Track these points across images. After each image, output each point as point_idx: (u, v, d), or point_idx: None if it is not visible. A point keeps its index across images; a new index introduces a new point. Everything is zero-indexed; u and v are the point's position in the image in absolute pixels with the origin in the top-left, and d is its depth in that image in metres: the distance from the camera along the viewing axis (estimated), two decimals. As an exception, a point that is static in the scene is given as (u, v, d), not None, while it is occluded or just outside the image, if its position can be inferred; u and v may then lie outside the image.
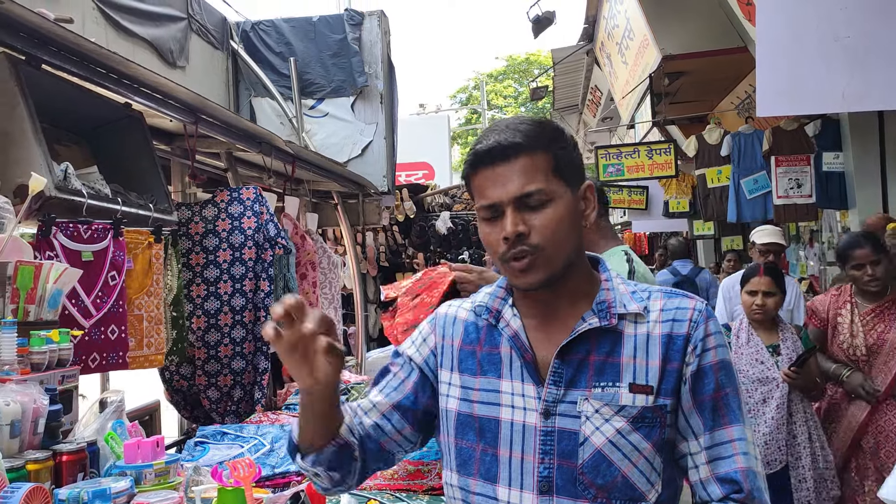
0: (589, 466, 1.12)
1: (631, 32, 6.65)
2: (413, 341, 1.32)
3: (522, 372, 1.18)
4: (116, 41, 4.22)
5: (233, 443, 2.64)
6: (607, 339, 1.16)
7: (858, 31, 3.29)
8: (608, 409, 1.13)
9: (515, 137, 1.15)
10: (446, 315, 1.31)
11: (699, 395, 1.15)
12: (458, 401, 1.23)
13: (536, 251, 1.13)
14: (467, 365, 1.24)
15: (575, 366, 1.15)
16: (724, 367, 1.16)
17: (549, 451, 1.14)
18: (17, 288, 1.98)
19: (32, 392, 1.74)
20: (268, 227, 3.36)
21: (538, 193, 1.14)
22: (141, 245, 2.79)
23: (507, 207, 1.14)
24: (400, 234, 7.83)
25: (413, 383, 1.28)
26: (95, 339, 2.40)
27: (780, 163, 5.76)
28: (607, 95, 9.81)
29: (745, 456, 1.14)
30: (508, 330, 1.21)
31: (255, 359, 3.35)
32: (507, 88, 30.22)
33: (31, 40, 2.28)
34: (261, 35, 5.98)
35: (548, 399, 1.15)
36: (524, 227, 1.13)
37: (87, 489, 1.62)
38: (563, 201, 1.16)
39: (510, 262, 1.15)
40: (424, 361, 1.28)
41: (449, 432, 1.24)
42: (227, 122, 3.41)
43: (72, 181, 2.30)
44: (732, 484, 1.13)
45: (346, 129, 5.91)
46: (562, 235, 1.15)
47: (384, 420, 1.26)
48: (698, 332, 1.16)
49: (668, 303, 1.19)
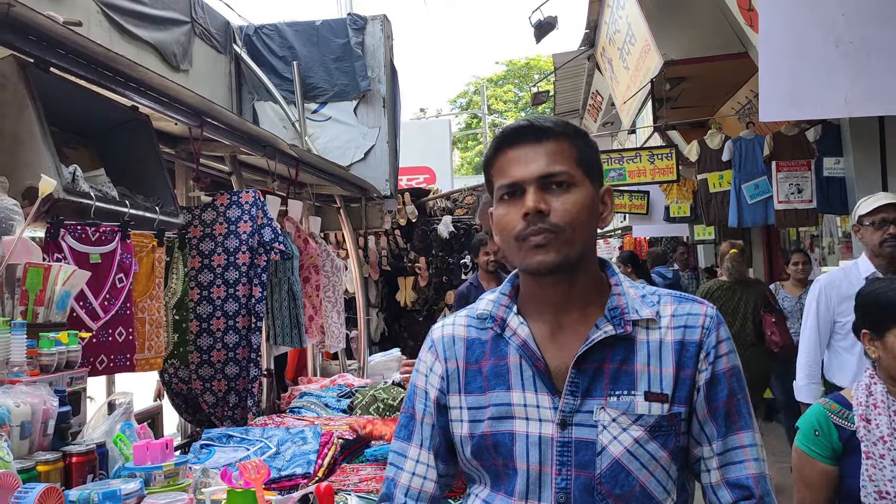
0: (607, 476, 1.11)
1: (632, 37, 6.67)
2: (425, 377, 1.28)
3: (535, 382, 1.16)
4: (120, 45, 4.23)
5: (238, 445, 2.64)
6: (621, 346, 1.15)
7: (860, 36, 3.30)
8: (625, 418, 1.12)
9: (546, 123, 1.17)
10: (443, 338, 1.28)
11: (713, 402, 1.15)
12: (468, 424, 1.21)
13: (555, 231, 1.12)
14: (475, 385, 1.21)
15: (590, 374, 1.14)
16: (735, 374, 1.17)
17: (566, 462, 1.12)
18: (27, 290, 1.99)
19: (42, 393, 1.74)
20: (262, 232, 3.33)
21: (563, 175, 1.14)
22: (145, 248, 2.80)
23: (529, 186, 1.14)
24: (402, 238, 7.84)
25: (439, 424, 1.26)
26: (103, 342, 2.41)
27: (780, 168, 5.78)
28: (608, 100, 9.83)
29: (756, 462, 1.15)
30: (516, 339, 1.18)
31: (248, 365, 3.33)
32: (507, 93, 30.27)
33: (40, 43, 2.29)
34: (264, 39, 6.00)
35: (564, 409, 1.13)
36: (545, 206, 1.12)
37: (98, 490, 1.63)
38: (586, 190, 1.16)
39: (527, 239, 1.13)
40: (439, 391, 1.26)
41: (466, 456, 1.22)
42: (232, 125, 3.42)
43: (80, 183, 2.31)
44: (744, 489, 1.14)
45: (348, 132, 5.92)
46: (581, 222, 1.14)
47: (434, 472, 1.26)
48: (710, 339, 1.16)
49: (679, 308, 1.18)
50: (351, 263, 6.00)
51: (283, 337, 3.89)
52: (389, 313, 7.97)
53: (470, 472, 1.25)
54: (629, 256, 8.41)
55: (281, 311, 3.89)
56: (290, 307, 3.93)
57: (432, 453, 1.25)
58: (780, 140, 5.84)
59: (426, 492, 1.25)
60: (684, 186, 9.27)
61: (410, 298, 7.96)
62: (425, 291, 7.99)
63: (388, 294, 7.95)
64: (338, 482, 2.39)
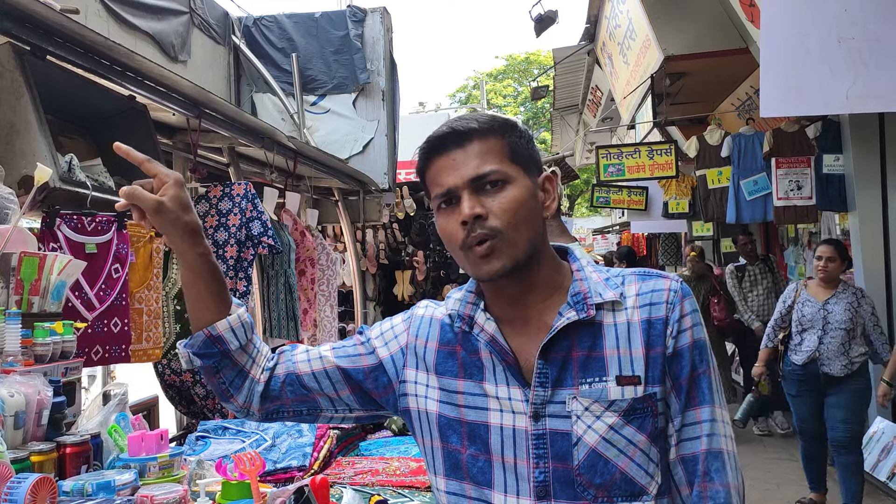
0: (585, 467, 1.09)
1: (633, 33, 6.65)
2: (383, 334, 1.28)
3: (507, 375, 1.14)
4: (118, 34, 4.21)
5: (234, 437, 2.63)
6: (588, 332, 1.13)
7: (862, 32, 3.29)
8: (598, 405, 1.10)
9: (470, 124, 1.13)
10: (423, 316, 1.27)
11: (676, 378, 1.13)
12: (438, 403, 1.19)
13: (497, 234, 1.09)
14: (447, 366, 1.19)
15: (559, 364, 1.12)
16: (698, 347, 1.14)
17: (542, 455, 1.11)
18: (21, 279, 1.97)
19: (36, 383, 1.73)
20: (251, 225, 3.30)
21: (494, 174, 1.11)
22: (143, 239, 2.78)
23: (462, 192, 1.11)
24: (400, 231, 7.83)
25: (369, 366, 1.25)
26: (98, 332, 2.40)
27: (780, 164, 5.77)
28: (608, 95, 9.81)
29: (709, 437, 1.12)
30: (484, 335, 1.16)
31: None
32: (506, 88, 30.23)
33: (37, 31, 2.27)
34: (263, 30, 5.97)
35: (536, 401, 1.11)
36: (482, 209, 1.09)
37: (92, 481, 1.62)
38: (521, 185, 1.13)
39: (471, 249, 1.11)
40: (390, 357, 1.25)
41: (433, 435, 1.20)
42: (230, 116, 3.40)
43: (76, 173, 2.30)
44: (693, 464, 1.12)
45: (347, 125, 5.91)
46: (522, 219, 1.11)
47: (323, 375, 1.24)
48: (675, 314, 1.13)
49: (644, 286, 1.16)
50: (349, 257, 5.99)
51: (279, 329, 3.88)
52: (387, 307, 7.96)
53: (426, 452, 1.23)
54: (627, 252, 8.42)
55: (277, 304, 3.88)
56: (286, 300, 3.92)
57: (334, 358, 1.26)
58: (780, 136, 5.84)
59: (299, 367, 1.26)
60: (683, 182, 9.27)
61: (408, 292, 7.95)
62: (423, 285, 7.99)
63: (386, 288, 7.95)
64: (333, 475, 2.39)
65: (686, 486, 1.13)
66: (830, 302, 4.52)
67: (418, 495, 2.20)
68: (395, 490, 2.23)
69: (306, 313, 4.29)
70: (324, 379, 1.25)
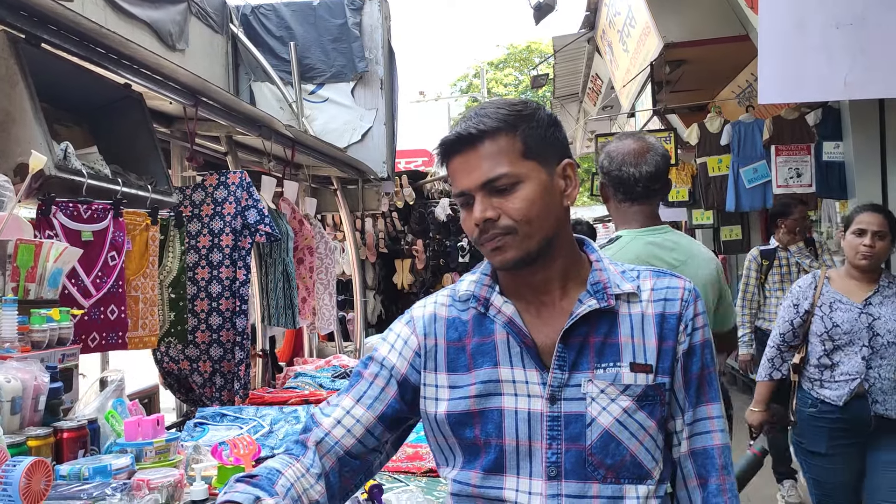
0: (598, 447, 1.13)
1: (632, 20, 6.62)
2: (392, 345, 1.25)
3: (523, 358, 1.16)
4: (115, 22, 4.19)
5: (232, 424, 2.65)
6: (604, 319, 1.17)
7: (860, 18, 3.27)
8: (613, 388, 1.14)
9: (479, 125, 1.14)
10: (424, 315, 1.26)
11: (688, 373, 1.19)
12: (447, 402, 1.19)
13: (509, 232, 1.13)
14: (458, 363, 1.20)
15: (576, 349, 1.16)
16: (708, 347, 1.21)
17: (556, 437, 1.14)
18: (18, 266, 1.98)
19: (33, 369, 1.74)
20: (247, 214, 3.30)
21: (504, 177, 1.13)
22: (139, 227, 2.79)
23: (475, 194, 1.14)
24: (399, 220, 7.84)
25: (395, 391, 1.23)
26: (95, 319, 2.41)
27: (780, 152, 5.75)
28: (608, 84, 9.77)
29: (722, 433, 1.21)
30: (501, 317, 1.19)
31: (232, 348, 3.31)
32: (507, 76, 30.10)
33: (31, 19, 2.27)
34: (261, 19, 5.96)
35: (553, 384, 1.14)
36: (493, 213, 1.13)
37: (88, 465, 1.63)
38: (536, 182, 1.15)
39: (484, 245, 1.16)
40: (410, 365, 1.23)
41: (445, 434, 1.20)
42: (228, 104, 3.40)
43: (72, 161, 2.30)
44: (709, 458, 1.19)
45: (345, 114, 5.90)
46: (535, 215, 1.13)
47: (368, 435, 1.21)
48: (689, 312, 1.19)
49: (658, 282, 1.21)
50: (348, 246, 6.00)
51: (277, 317, 3.90)
52: (386, 295, 7.98)
53: (441, 450, 1.23)
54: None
55: (275, 292, 3.89)
56: (284, 288, 3.93)
57: (369, 412, 1.21)
58: (779, 124, 5.81)
59: (343, 445, 1.20)
60: (683, 170, 9.23)
61: (407, 281, 7.97)
62: (422, 274, 8.00)
63: (385, 276, 7.96)
64: (331, 461, 2.40)
65: (695, 477, 1.19)
66: (874, 302, 2.92)
67: (414, 480, 2.22)
68: (391, 475, 2.25)
69: (305, 302, 4.30)
70: (368, 438, 1.22)
